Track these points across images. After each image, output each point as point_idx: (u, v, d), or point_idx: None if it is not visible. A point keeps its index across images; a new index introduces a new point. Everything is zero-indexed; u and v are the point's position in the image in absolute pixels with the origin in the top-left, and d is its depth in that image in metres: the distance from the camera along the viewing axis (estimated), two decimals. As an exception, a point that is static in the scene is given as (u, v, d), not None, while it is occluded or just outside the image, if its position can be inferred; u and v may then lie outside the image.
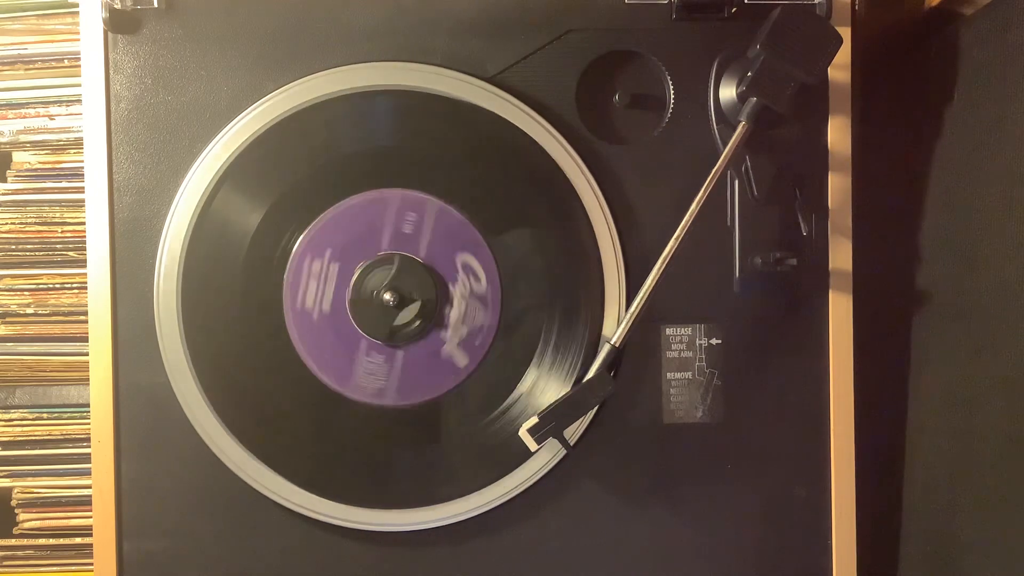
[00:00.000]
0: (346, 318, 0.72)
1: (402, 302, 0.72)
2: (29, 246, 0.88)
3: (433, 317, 0.72)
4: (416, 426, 0.74)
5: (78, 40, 0.74)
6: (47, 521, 0.90)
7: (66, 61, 0.89)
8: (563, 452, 0.72)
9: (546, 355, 0.74)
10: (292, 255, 0.72)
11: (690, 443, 0.75)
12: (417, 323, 0.72)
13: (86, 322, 0.73)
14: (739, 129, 0.70)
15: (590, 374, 0.70)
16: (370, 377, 0.73)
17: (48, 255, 0.88)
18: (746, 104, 0.70)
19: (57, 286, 0.88)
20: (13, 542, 0.90)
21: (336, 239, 0.72)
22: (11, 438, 0.90)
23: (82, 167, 0.75)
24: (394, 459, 0.74)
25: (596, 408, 0.72)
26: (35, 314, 0.89)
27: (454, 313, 0.73)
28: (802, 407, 0.75)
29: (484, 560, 0.74)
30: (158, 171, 0.73)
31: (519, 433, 0.69)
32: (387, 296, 0.71)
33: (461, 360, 0.73)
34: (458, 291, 0.73)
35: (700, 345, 0.75)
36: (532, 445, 0.69)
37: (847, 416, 0.75)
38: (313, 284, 0.72)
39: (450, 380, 0.73)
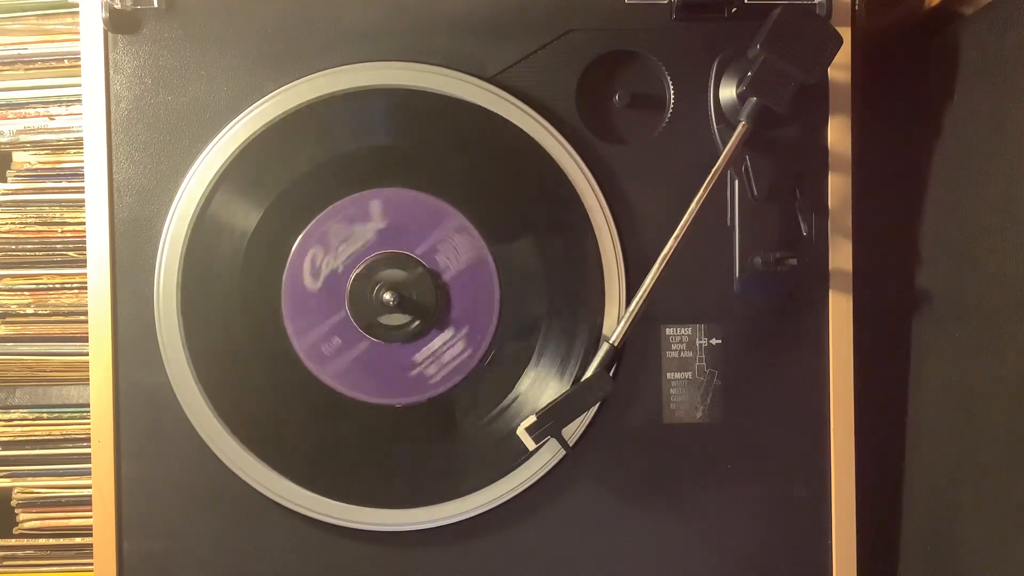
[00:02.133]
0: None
1: (400, 305, 0.72)
2: (29, 246, 0.88)
3: (429, 327, 0.72)
4: (416, 426, 0.74)
5: (78, 40, 0.74)
6: (47, 521, 0.90)
7: (66, 61, 0.89)
8: (562, 452, 0.72)
9: (545, 355, 0.74)
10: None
11: (690, 443, 0.75)
12: (412, 326, 0.72)
13: (86, 322, 0.73)
14: (739, 129, 0.70)
15: (588, 373, 0.70)
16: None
17: (48, 255, 0.88)
18: (746, 104, 0.70)
19: (57, 286, 0.89)
20: (13, 542, 0.90)
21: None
22: (11, 438, 0.90)
23: (82, 167, 0.75)
24: (394, 459, 0.74)
25: (596, 408, 0.73)
26: (35, 314, 0.89)
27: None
28: (802, 407, 0.75)
29: (484, 560, 0.74)
30: (158, 171, 0.73)
31: (517, 432, 0.69)
32: (387, 296, 0.71)
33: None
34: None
35: (700, 345, 0.75)
36: (530, 444, 0.69)
37: (847, 416, 0.75)
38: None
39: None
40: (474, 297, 0.73)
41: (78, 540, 0.90)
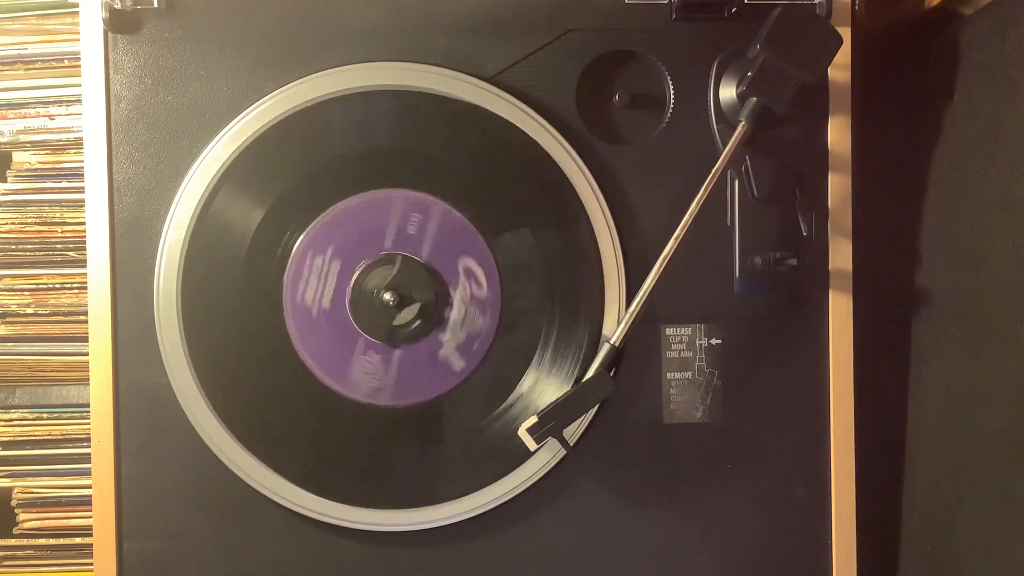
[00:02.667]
0: (346, 317, 0.72)
1: (402, 302, 0.72)
2: (29, 246, 0.88)
3: (433, 318, 0.72)
4: (416, 426, 0.74)
5: (78, 40, 0.74)
6: (47, 521, 0.90)
7: (66, 61, 0.89)
8: (563, 452, 0.72)
9: (546, 355, 0.74)
10: (292, 255, 0.72)
11: (690, 443, 0.75)
12: (416, 324, 0.72)
13: (86, 322, 0.73)
14: (739, 129, 0.70)
15: (589, 374, 0.70)
16: (368, 376, 0.73)
17: (48, 255, 0.88)
18: (746, 104, 0.70)
19: (57, 286, 0.89)
20: (13, 542, 0.90)
21: (336, 238, 0.72)
22: (11, 438, 0.90)
23: (82, 167, 0.75)
24: (394, 459, 0.74)
25: (596, 408, 0.72)
26: (35, 314, 0.89)
27: (453, 315, 0.73)
28: (802, 407, 0.75)
29: (484, 560, 0.74)
30: (158, 171, 0.73)
31: (518, 432, 0.69)
32: (387, 296, 0.71)
33: (457, 363, 0.73)
34: (458, 293, 0.73)
35: (700, 345, 0.75)
36: (531, 444, 0.69)
37: (847, 416, 0.75)
38: (313, 283, 0.72)
39: (448, 381, 0.73)
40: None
41: (78, 540, 0.90)
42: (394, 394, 0.73)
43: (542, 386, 0.73)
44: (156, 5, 0.72)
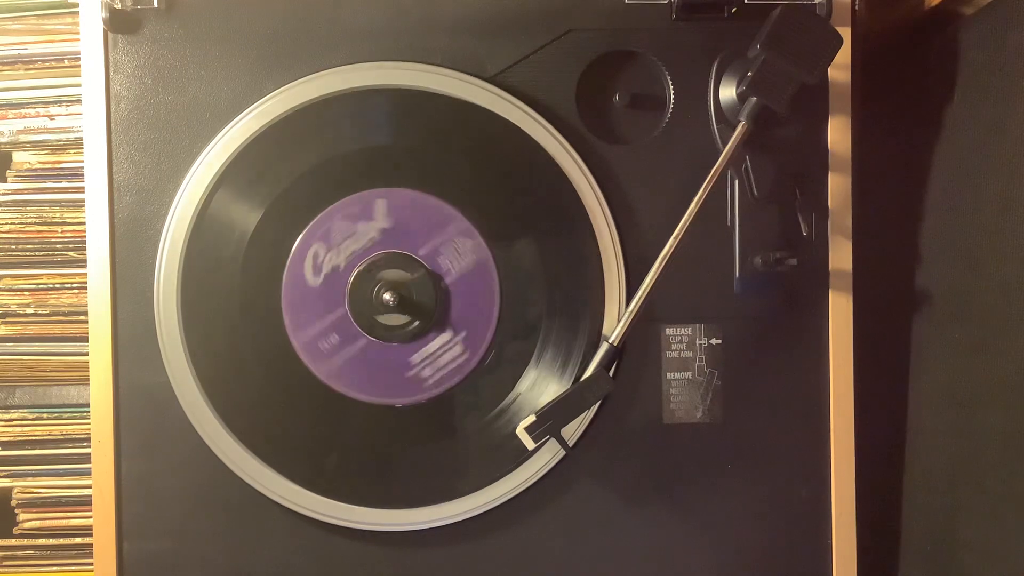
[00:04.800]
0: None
1: (399, 306, 0.71)
2: (29, 246, 0.88)
3: (429, 328, 0.73)
4: (416, 426, 0.74)
5: (78, 40, 0.74)
6: (47, 521, 0.90)
7: (66, 61, 0.89)
8: (562, 452, 0.72)
9: (545, 354, 0.74)
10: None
11: (690, 443, 0.75)
12: (411, 327, 0.72)
13: (86, 322, 0.73)
14: (739, 129, 0.70)
15: (588, 373, 0.70)
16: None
17: (48, 255, 0.88)
18: (746, 104, 0.70)
19: (57, 286, 0.89)
20: (13, 542, 0.90)
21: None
22: (11, 438, 0.90)
23: (82, 167, 0.75)
24: (394, 459, 0.74)
25: (595, 408, 0.73)
26: (35, 314, 0.89)
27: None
28: (802, 407, 0.75)
29: (484, 560, 0.74)
30: (158, 171, 0.73)
31: (516, 431, 0.69)
32: (388, 296, 0.71)
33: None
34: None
35: (700, 345, 0.75)
36: (529, 443, 0.69)
37: (847, 416, 0.75)
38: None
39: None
40: (474, 297, 0.73)
41: (78, 540, 0.90)
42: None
43: (541, 385, 0.73)
44: (156, 5, 0.72)
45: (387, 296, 0.71)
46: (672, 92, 0.74)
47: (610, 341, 0.70)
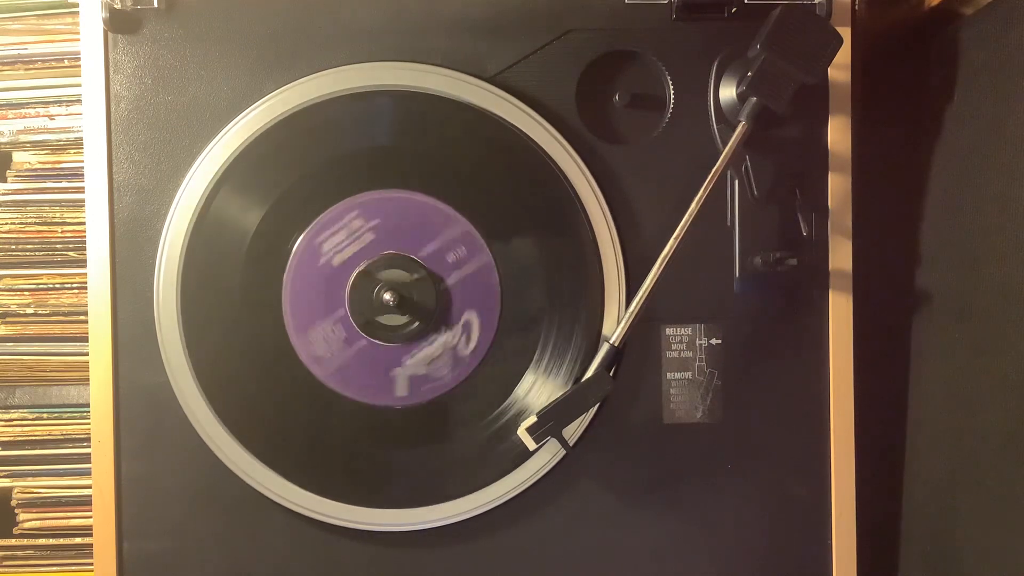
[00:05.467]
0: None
1: (401, 305, 0.71)
2: (29, 246, 0.88)
3: (428, 329, 0.73)
4: (416, 426, 0.74)
5: (78, 40, 0.74)
6: (47, 521, 0.90)
7: (66, 61, 0.89)
8: (563, 452, 0.72)
9: (546, 355, 0.74)
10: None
11: (690, 443, 0.75)
12: (411, 328, 0.72)
13: (86, 322, 0.73)
14: (739, 129, 0.70)
15: (588, 373, 0.70)
16: (323, 343, 0.72)
17: (48, 255, 0.88)
18: (746, 104, 0.70)
19: (57, 286, 0.89)
20: (13, 542, 0.90)
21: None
22: (11, 438, 0.90)
23: (82, 167, 0.75)
24: (394, 459, 0.74)
25: (596, 408, 0.72)
26: (35, 314, 0.89)
27: (429, 350, 0.73)
28: (802, 407, 0.75)
29: (484, 560, 0.74)
30: (158, 171, 0.73)
31: (518, 432, 0.69)
32: (388, 296, 0.71)
33: (433, 377, 0.73)
34: (443, 337, 0.73)
35: (700, 345, 0.75)
36: (531, 444, 0.69)
37: (847, 416, 0.75)
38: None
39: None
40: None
41: (78, 540, 0.90)
42: (330, 376, 0.73)
43: (542, 386, 0.73)
44: (156, 5, 0.72)
45: (387, 296, 0.71)
46: (672, 92, 0.74)
47: (610, 341, 0.70)
